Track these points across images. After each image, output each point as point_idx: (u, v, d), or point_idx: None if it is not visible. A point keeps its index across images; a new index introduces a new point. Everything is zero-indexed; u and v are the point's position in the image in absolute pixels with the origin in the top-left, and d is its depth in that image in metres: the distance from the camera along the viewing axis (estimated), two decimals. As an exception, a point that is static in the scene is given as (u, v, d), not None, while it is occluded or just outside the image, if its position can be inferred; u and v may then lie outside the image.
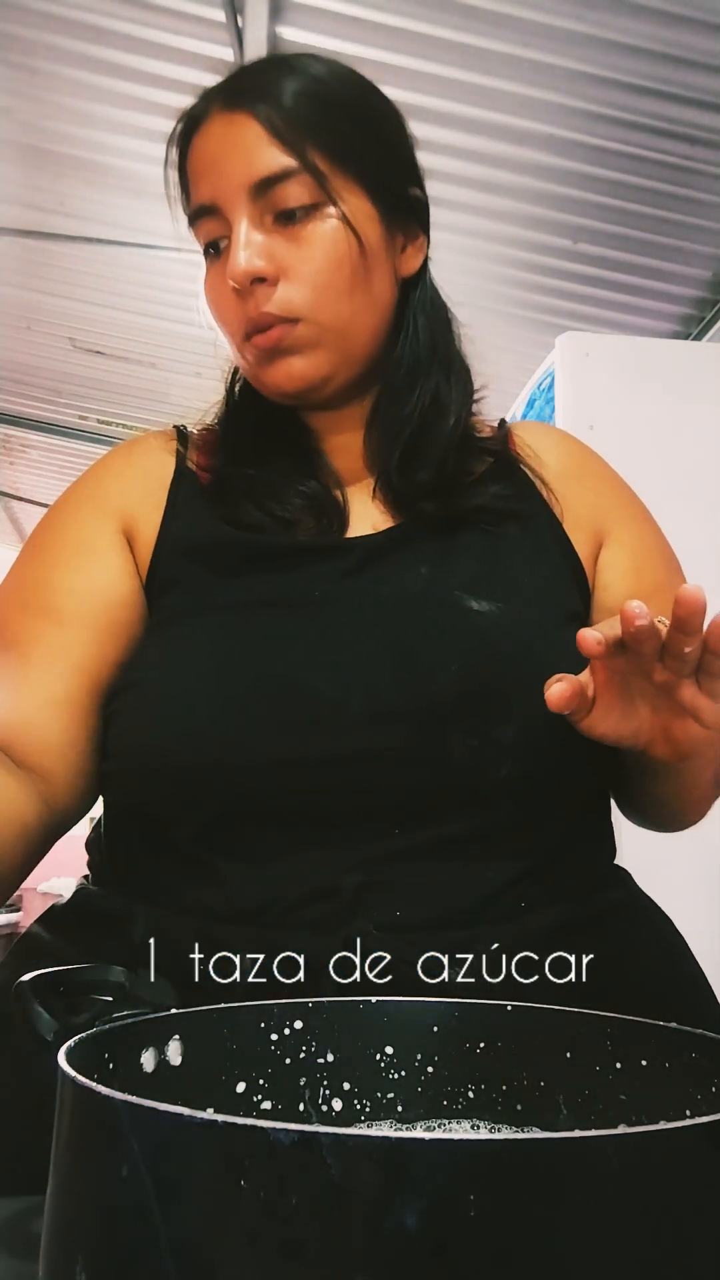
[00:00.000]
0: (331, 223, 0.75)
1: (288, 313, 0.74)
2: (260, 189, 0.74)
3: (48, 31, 2.70)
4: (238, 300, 0.75)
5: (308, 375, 0.77)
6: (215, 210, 0.75)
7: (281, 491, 0.78)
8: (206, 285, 0.79)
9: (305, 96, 0.75)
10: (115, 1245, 0.31)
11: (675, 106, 2.59)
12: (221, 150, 0.75)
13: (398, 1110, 0.50)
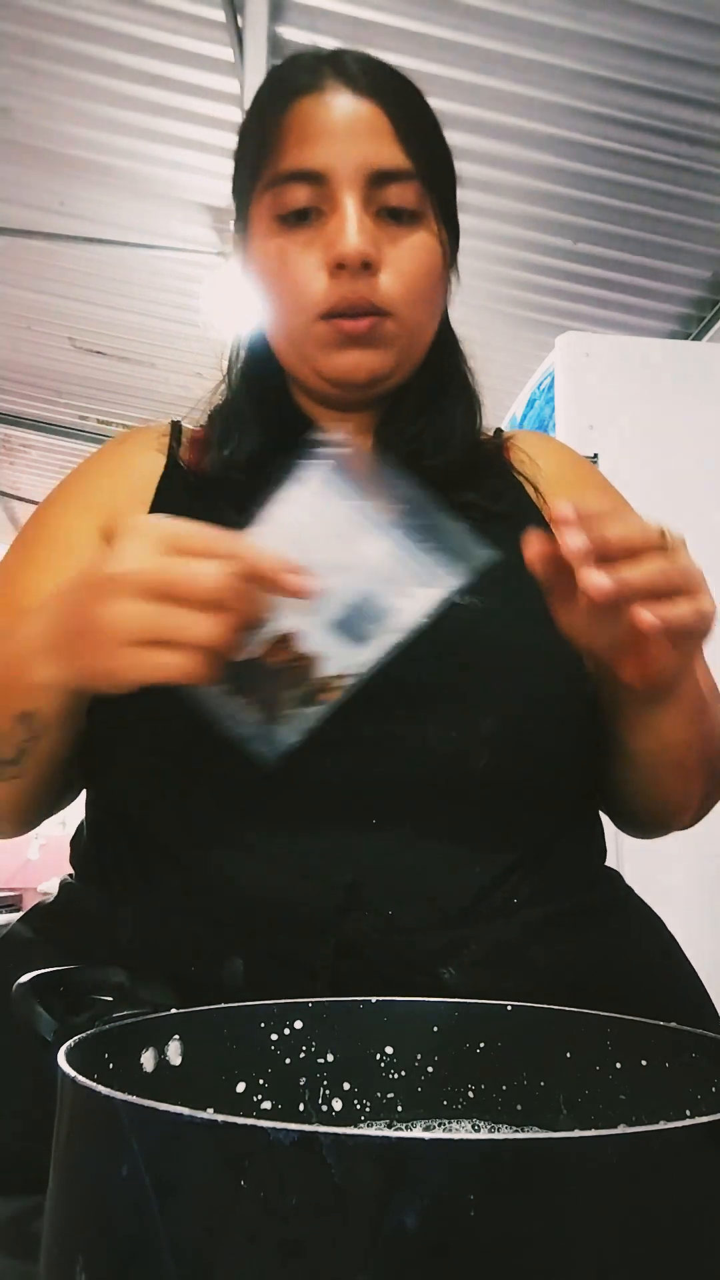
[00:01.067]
0: (426, 234, 0.76)
1: (385, 305, 0.74)
2: (377, 180, 0.74)
3: (48, 31, 2.70)
4: (329, 278, 0.73)
5: (375, 370, 0.77)
6: (320, 180, 0.73)
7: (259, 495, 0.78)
8: (276, 253, 0.75)
9: (421, 111, 0.78)
10: (115, 1245, 0.31)
11: (675, 106, 2.59)
12: (344, 126, 0.74)
13: (398, 1110, 0.50)
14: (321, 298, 0.74)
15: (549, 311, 3.34)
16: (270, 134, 0.75)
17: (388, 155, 0.74)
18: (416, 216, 0.76)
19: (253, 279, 0.80)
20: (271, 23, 2.55)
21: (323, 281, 0.74)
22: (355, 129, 0.74)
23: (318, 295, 0.74)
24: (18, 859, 5.70)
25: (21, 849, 5.76)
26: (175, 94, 2.87)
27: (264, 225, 0.76)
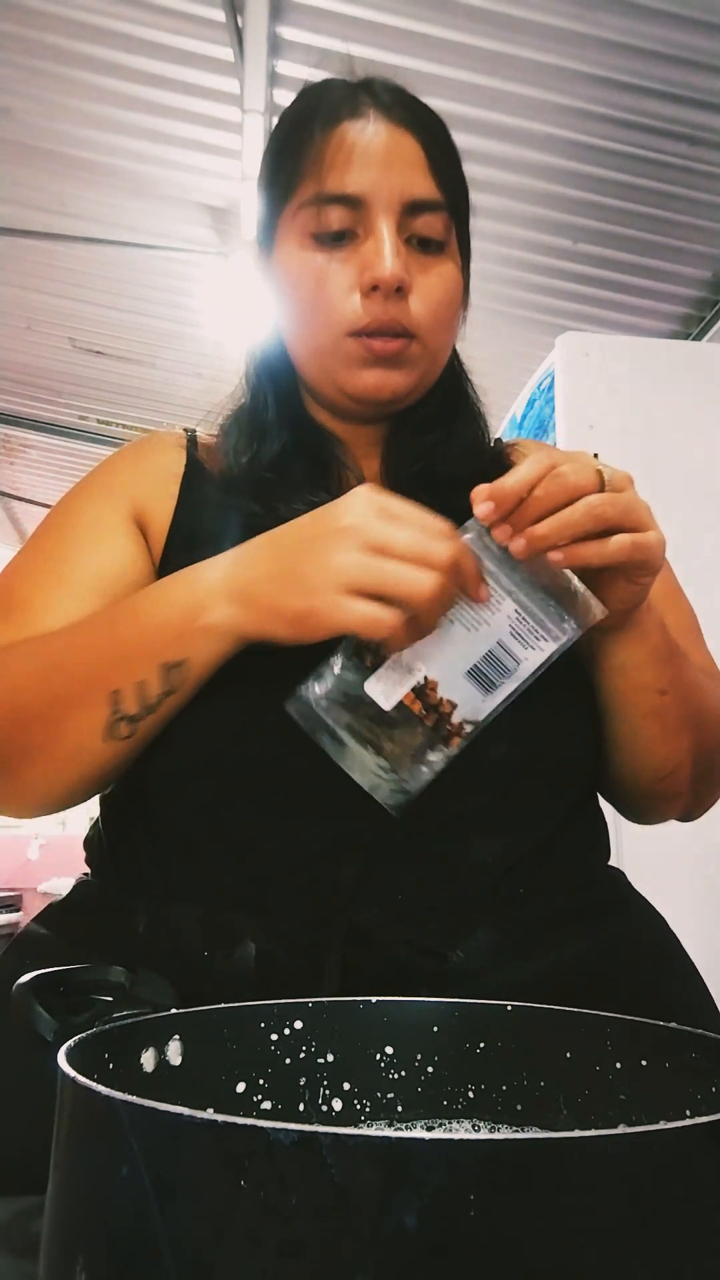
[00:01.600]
0: (449, 263, 0.80)
1: (414, 328, 0.77)
2: (411, 209, 0.77)
3: (48, 31, 2.70)
4: (363, 298, 0.76)
5: (398, 389, 0.79)
6: (358, 204, 0.76)
7: (292, 495, 0.79)
8: (309, 269, 0.78)
9: (449, 144, 0.81)
10: (115, 1245, 0.31)
11: (675, 106, 2.59)
12: (383, 152, 0.77)
13: (398, 1110, 0.50)
14: (354, 317, 0.76)
15: (549, 311, 3.34)
16: (309, 154, 0.78)
17: (421, 186, 0.77)
18: (441, 246, 0.79)
19: (278, 291, 0.82)
20: (271, 23, 2.54)
21: (355, 301, 0.76)
22: (393, 158, 0.77)
23: (350, 314, 0.76)
24: (18, 859, 5.70)
25: (21, 849, 5.76)
26: (175, 94, 2.87)
27: (296, 240, 0.79)
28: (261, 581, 0.65)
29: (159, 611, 0.68)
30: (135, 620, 0.69)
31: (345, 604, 0.61)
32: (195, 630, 0.66)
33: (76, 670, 0.69)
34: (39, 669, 0.70)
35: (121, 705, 0.68)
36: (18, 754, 0.71)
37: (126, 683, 0.67)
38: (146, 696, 0.67)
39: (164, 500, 0.82)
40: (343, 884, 0.67)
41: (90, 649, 0.69)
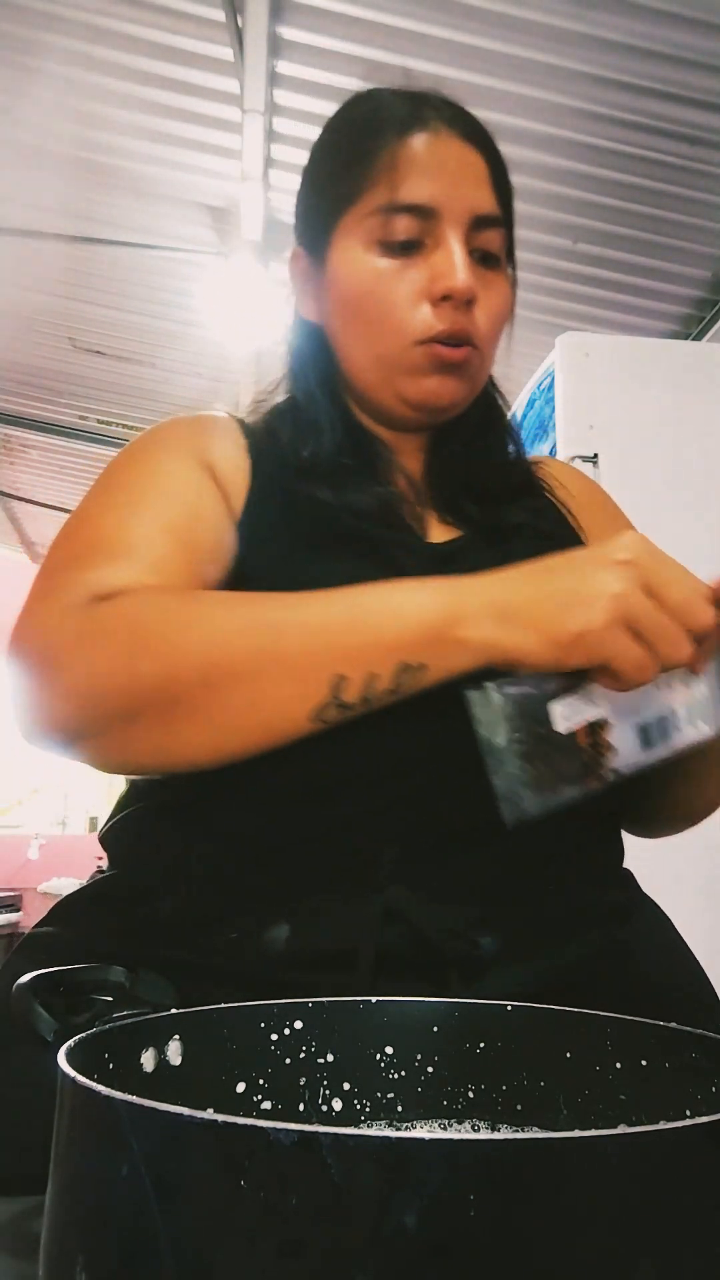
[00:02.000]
0: (504, 280, 0.82)
1: (476, 338, 0.79)
2: (478, 224, 0.79)
3: (48, 31, 2.70)
4: (434, 307, 0.77)
5: (455, 397, 0.81)
6: (430, 215, 0.77)
7: (363, 483, 0.81)
8: (375, 276, 0.79)
9: (503, 161, 0.83)
10: (115, 1245, 0.31)
11: (675, 106, 2.60)
12: (456, 167, 0.78)
13: (398, 1110, 0.50)
14: (425, 325, 0.78)
15: (549, 311, 3.34)
16: (379, 161, 0.78)
17: (486, 201, 0.79)
18: (497, 261, 0.81)
19: (332, 295, 0.82)
20: (271, 23, 2.55)
21: (425, 310, 0.78)
22: (463, 172, 0.79)
23: (420, 323, 0.78)
24: (18, 859, 5.71)
25: (21, 849, 5.77)
26: (175, 94, 2.87)
27: (360, 247, 0.79)
28: (530, 602, 0.64)
29: (410, 609, 0.66)
30: (380, 610, 0.66)
31: (621, 637, 0.62)
32: (448, 639, 0.64)
33: (301, 641, 0.65)
34: (250, 627, 0.66)
35: (342, 692, 0.65)
36: (190, 708, 0.65)
37: (356, 671, 0.64)
38: (371, 690, 0.65)
39: (237, 469, 0.81)
40: (380, 865, 0.67)
41: (321, 625, 0.65)
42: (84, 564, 0.72)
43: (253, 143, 2.92)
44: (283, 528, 0.78)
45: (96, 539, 0.74)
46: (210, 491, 0.78)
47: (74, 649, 0.67)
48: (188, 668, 0.64)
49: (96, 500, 0.78)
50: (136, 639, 0.65)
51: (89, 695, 0.66)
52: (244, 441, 0.84)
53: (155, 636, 0.65)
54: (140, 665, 0.65)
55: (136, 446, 0.82)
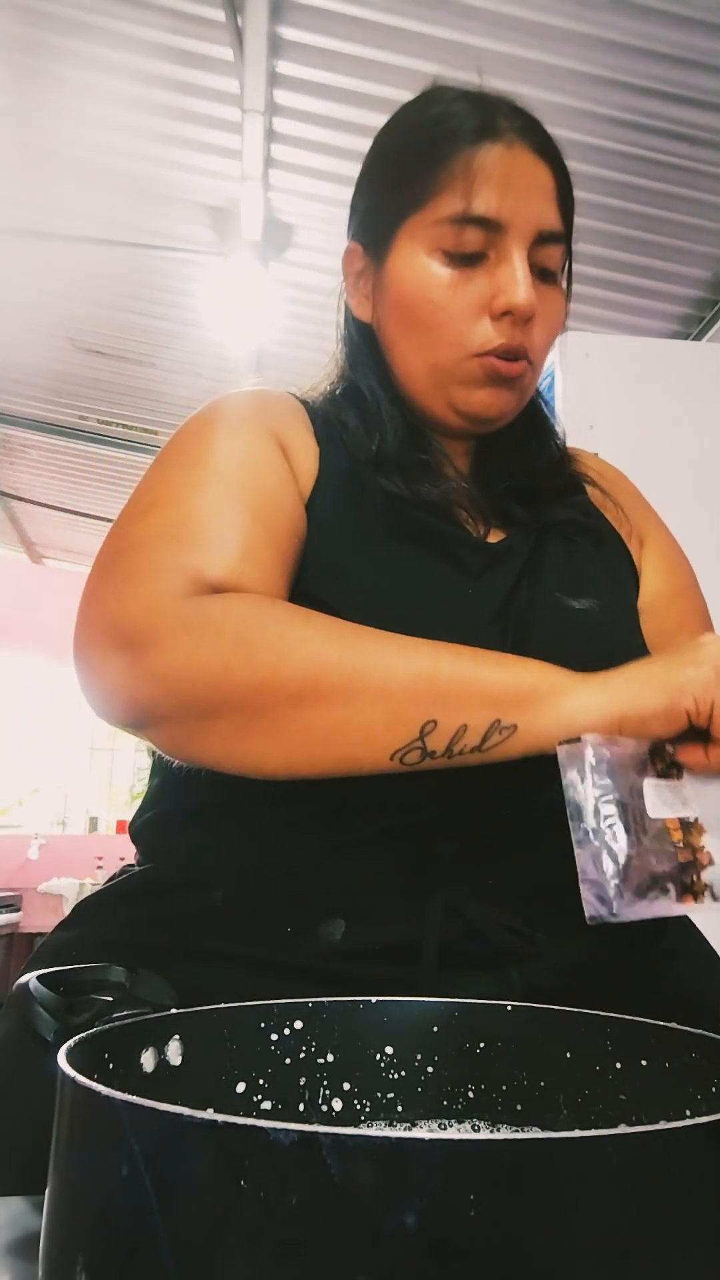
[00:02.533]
0: (560, 296, 0.83)
1: (532, 354, 0.80)
2: (540, 239, 0.79)
3: (48, 31, 2.70)
4: (494, 321, 0.78)
5: (506, 409, 0.82)
6: (497, 229, 0.77)
7: (432, 477, 0.82)
8: (438, 285, 0.79)
9: (569, 177, 0.83)
10: (115, 1245, 0.31)
11: (675, 106, 2.60)
12: (524, 181, 0.78)
13: (398, 1110, 0.50)
14: (484, 339, 0.78)
15: (549, 311, 3.34)
16: (451, 169, 0.78)
17: (551, 218, 0.79)
18: (555, 277, 0.82)
19: (390, 298, 0.82)
20: (271, 23, 2.55)
21: (484, 323, 0.78)
22: (533, 188, 0.79)
23: (480, 336, 0.78)
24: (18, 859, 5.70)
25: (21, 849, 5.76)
26: (175, 94, 2.87)
27: (423, 253, 0.79)
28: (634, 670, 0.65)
29: (518, 667, 0.66)
30: (489, 660, 0.66)
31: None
32: (546, 702, 0.64)
33: (403, 677, 0.64)
34: (354, 655, 0.65)
35: (429, 739, 0.64)
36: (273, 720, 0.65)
37: (449, 720, 0.63)
38: (457, 743, 0.64)
39: (306, 450, 0.81)
40: (439, 862, 0.68)
41: (426, 665, 0.65)
42: (179, 546, 0.70)
43: (253, 143, 2.91)
44: (350, 515, 0.79)
45: (187, 520, 0.72)
46: (286, 472, 0.78)
47: (176, 635, 0.66)
48: (283, 682, 0.64)
49: (177, 475, 0.76)
50: (241, 642, 0.65)
51: (178, 683, 0.66)
52: (310, 423, 0.84)
53: (260, 646, 0.65)
54: (237, 668, 0.64)
55: (209, 418, 0.81)
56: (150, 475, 0.77)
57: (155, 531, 0.72)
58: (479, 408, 0.81)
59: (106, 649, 0.67)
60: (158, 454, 0.80)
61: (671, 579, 0.92)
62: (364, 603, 0.73)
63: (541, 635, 0.77)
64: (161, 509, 0.74)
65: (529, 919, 0.67)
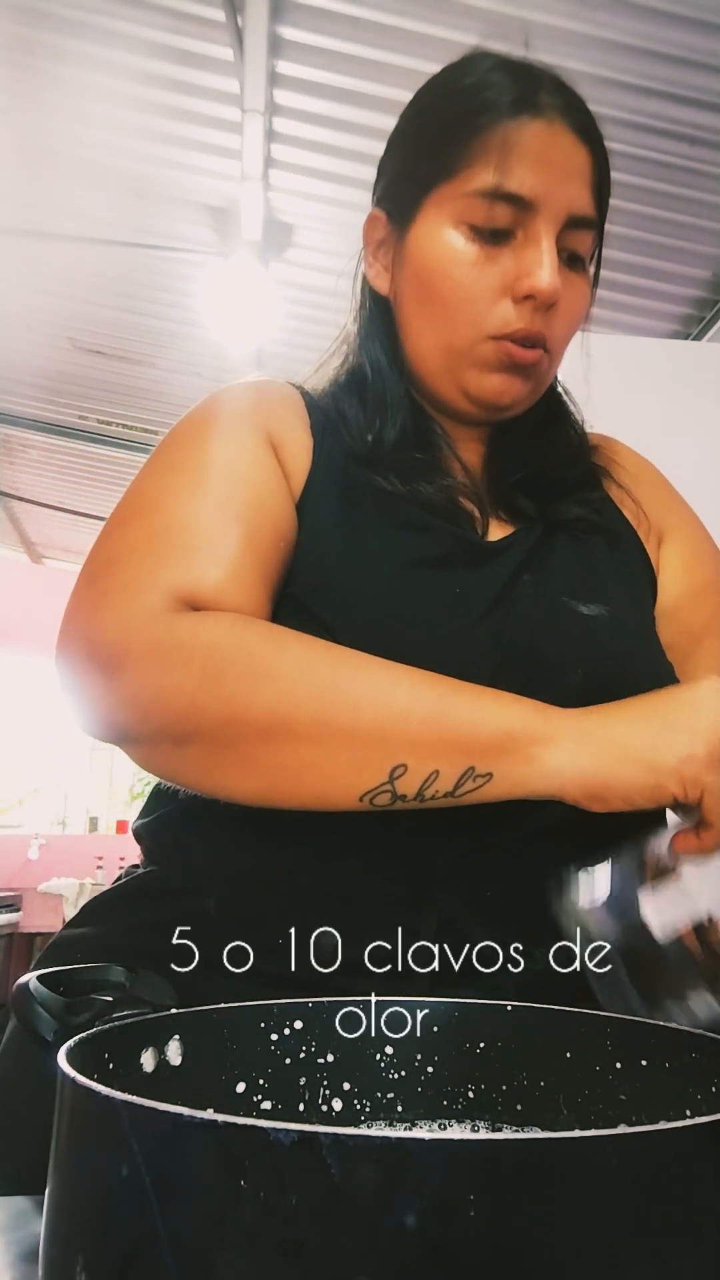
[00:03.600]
0: (586, 283, 0.80)
1: (550, 342, 0.77)
2: (572, 223, 0.76)
3: (48, 31, 2.70)
4: (514, 304, 0.75)
5: (519, 397, 0.79)
6: (528, 207, 0.74)
7: (430, 475, 0.79)
8: (462, 262, 0.76)
9: (608, 160, 0.79)
10: (115, 1245, 0.31)
11: (675, 106, 2.60)
12: (560, 160, 0.75)
13: (398, 1110, 0.50)
14: (502, 322, 0.75)
15: (549, 311, 3.34)
16: (487, 141, 0.75)
17: (584, 202, 0.76)
18: (583, 263, 0.78)
19: (409, 270, 0.79)
20: (271, 22, 2.54)
21: (505, 305, 0.75)
22: (569, 169, 0.75)
23: (498, 318, 0.75)
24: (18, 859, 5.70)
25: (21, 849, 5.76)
26: (175, 94, 2.87)
27: (449, 226, 0.76)
28: (618, 725, 0.62)
29: (493, 716, 0.62)
30: (467, 705, 0.63)
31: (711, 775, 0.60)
32: (522, 753, 0.61)
33: (373, 721, 0.62)
34: (324, 693, 0.63)
35: (398, 784, 0.62)
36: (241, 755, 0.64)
37: (419, 765, 0.61)
38: (428, 788, 0.62)
39: (299, 447, 0.79)
40: (433, 873, 0.67)
41: (400, 709, 0.62)
42: (158, 557, 0.69)
43: (253, 143, 2.91)
44: (343, 514, 0.77)
45: (168, 528, 0.71)
46: (274, 472, 0.76)
47: (145, 660, 0.65)
48: (251, 719, 0.62)
49: (162, 480, 0.75)
50: (209, 673, 0.63)
51: (148, 709, 0.65)
52: (307, 416, 0.82)
53: (228, 678, 0.63)
54: (205, 700, 0.63)
55: (198, 418, 0.79)
56: (137, 479, 0.76)
57: (134, 543, 0.71)
58: (491, 394, 0.78)
59: (82, 668, 0.67)
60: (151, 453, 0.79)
61: (694, 577, 0.87)
62: (351, 611, 0.72)
63: (545, 642, 0.74)
64: (144, 517, 0.72)
65: (525, 934, 0.65)
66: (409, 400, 0.82)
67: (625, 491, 0.88)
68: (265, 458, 0.76)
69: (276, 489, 0.75)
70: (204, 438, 0.77)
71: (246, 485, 0.73)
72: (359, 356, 0.84)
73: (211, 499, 0.72)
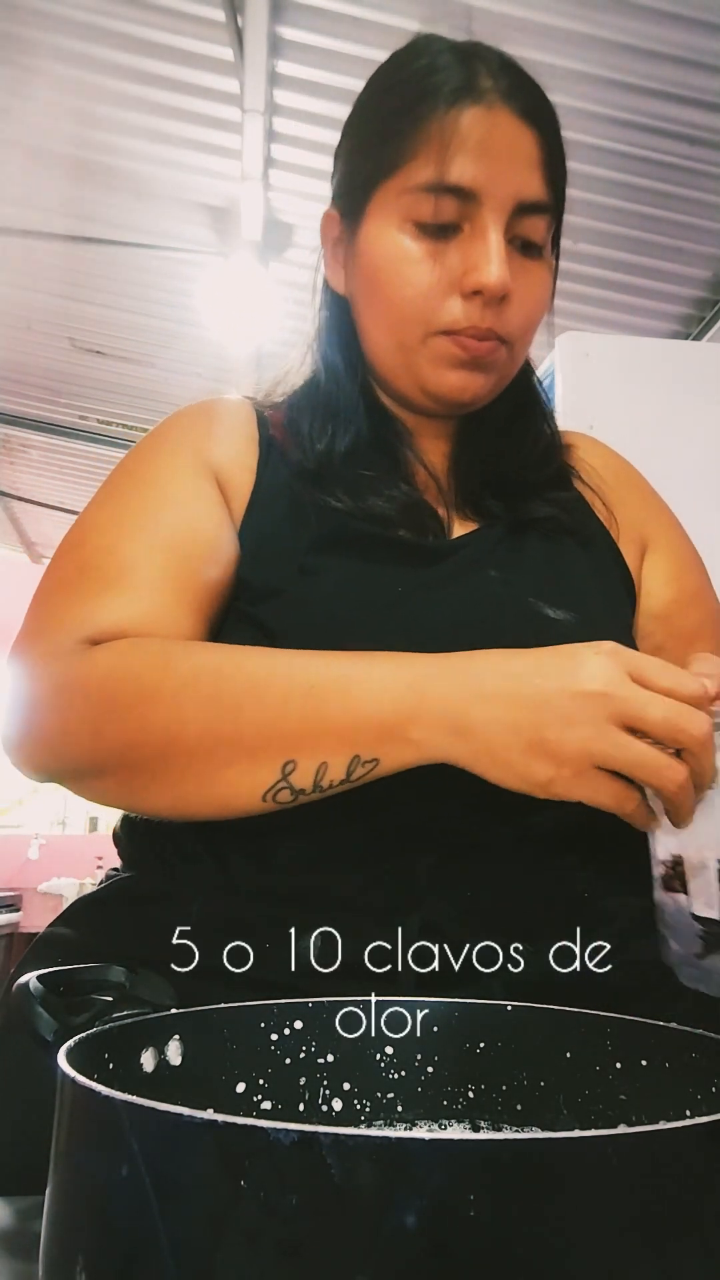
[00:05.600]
0: (545, 269, 0.78)
1: (506, 334, 0.75)
2: (520, 210, 0.74)
3: (48, 31, 2.70)
4: (462, 300, 0.74)
5: (479, 392, 0.78)
6: (471, 198, 0.72)
7: (381, 489, 0.78)
8: (409, 259, 0.74)
9: (560, 140, 0.77)
10: (115, 1245, 0.31)
11: (675, 106, 2.59)
12: (503, 148, 0.73)
13: (398, 1110, 0.50)
14: (451, 319, 0.74)
15: (549, 311, 3.34)
16: (426, 133, 0.73)
17: (534, 188, 0.74)
18: (539, 249, 0.77)
19: (362, 269, 0.78)
20: (271, 22, 2.54)
21: (454, 300, 0.74)
22: (514, 155, 0.73)
23: (447, 314, 0.74)
24: (18, 859, 5.70)
25: (21, 849, 5.76)
26: (175, 94, 2.87)
27: (394, 223, 0.75)
28: (490, 726, 0.60)
29: (369, 703, 0.63)
30: (342, 700, 0.63)
31: (592, 781, 0.59)
32: (401, 740, 0.62)
33: (257, 723, 0.63)
34: (210, 706, 0.64)
35: (292, 778, 0.63)
36: (149, 775, 0.66)
37: (307, 759, 0.63)
38: (322, 778, 0.63)
39: (242, 469, 0.79)
40: (416, 877, 0.66)
41: (280, 707, 0.63)
42: (74, 594, 0.72)
43: (253, 143, 2.91)
44: (287, 530, 0.76)
45: (89, 563, 0.74)
46: (210, 498, 0.76)
47: (50, 700, 0.68)
48: (148, 742, 0.65)
49: (95, 512, 0.77)
50: (105, 704, 0.66)
51: (59, 748, 0.68)
52: (256, 435, 0.81)
53: (122, 705, 0.65)
54: (106, 730, 0.66)
55: (141, 448, 0.80)
56: (85, 508, 0.78)
57: (60, 579, 0.74)
58: (449, 390, 0.77)
59: (9, 708, 0.70)
60: None
61: (683, 584, 0.86)
62: (297, 619, 0.72)
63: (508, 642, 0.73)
64: (72, 551, 0.75)
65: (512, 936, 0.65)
66: (366, 404, 0.81)
67: (595, 493, 0.87)
68: (199, 484, 0.76)
69: (209, 513, 0.76)
70: (141, 468, 0.79)
71: (176, 512, 0.75)
72: (316, 362, 0.84)
73: (137, 528, 0.74)
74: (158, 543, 0.73)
